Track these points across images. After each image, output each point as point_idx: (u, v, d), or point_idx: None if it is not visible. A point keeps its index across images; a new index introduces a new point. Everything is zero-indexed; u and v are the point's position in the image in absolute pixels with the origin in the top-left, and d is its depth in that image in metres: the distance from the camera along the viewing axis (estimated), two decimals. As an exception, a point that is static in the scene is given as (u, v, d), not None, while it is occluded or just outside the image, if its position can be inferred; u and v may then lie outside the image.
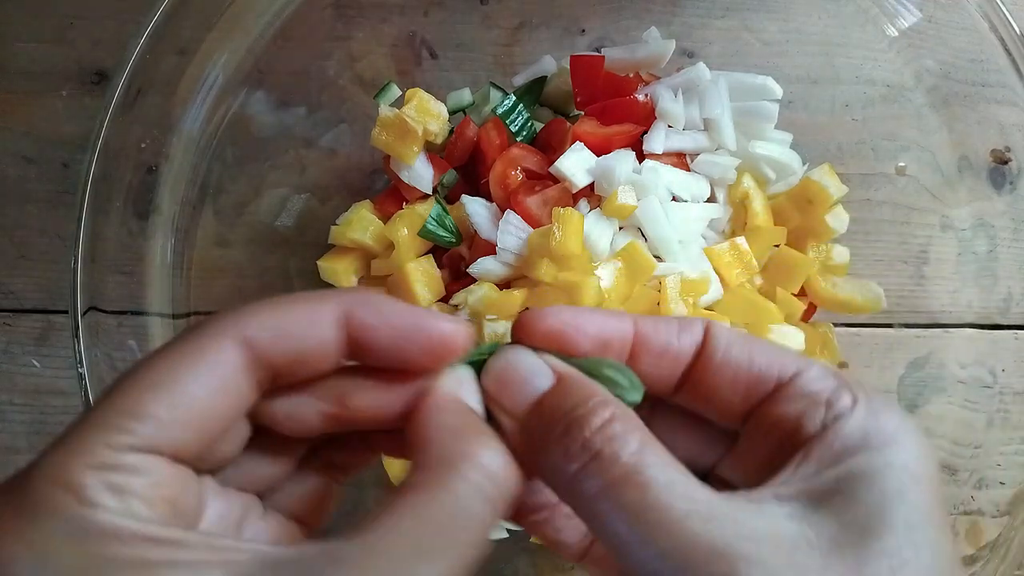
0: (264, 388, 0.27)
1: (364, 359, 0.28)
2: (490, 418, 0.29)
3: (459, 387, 0.29)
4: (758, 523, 0.25)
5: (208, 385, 0.25)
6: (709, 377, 0.30)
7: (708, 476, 0.31)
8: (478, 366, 0.29)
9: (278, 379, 0.27)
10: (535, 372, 0.28)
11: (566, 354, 0.29)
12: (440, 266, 0.57)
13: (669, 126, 0.57)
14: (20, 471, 0.24)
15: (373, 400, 0.28)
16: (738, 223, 0.59)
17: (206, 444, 0.26)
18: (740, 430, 0.30)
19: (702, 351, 0.30)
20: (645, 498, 0.25)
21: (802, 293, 0.59)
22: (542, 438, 0.27)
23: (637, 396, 0.29)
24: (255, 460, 0.30)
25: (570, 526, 0.32)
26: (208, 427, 0.26)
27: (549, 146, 0.58)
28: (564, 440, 0.26)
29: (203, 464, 0.27)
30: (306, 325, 0.27)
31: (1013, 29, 0.53)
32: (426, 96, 0.56)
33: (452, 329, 0.28)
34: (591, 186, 0.55)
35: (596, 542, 0.33)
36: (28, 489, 0.23)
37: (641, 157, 0.56)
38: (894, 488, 0.25)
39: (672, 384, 0.31)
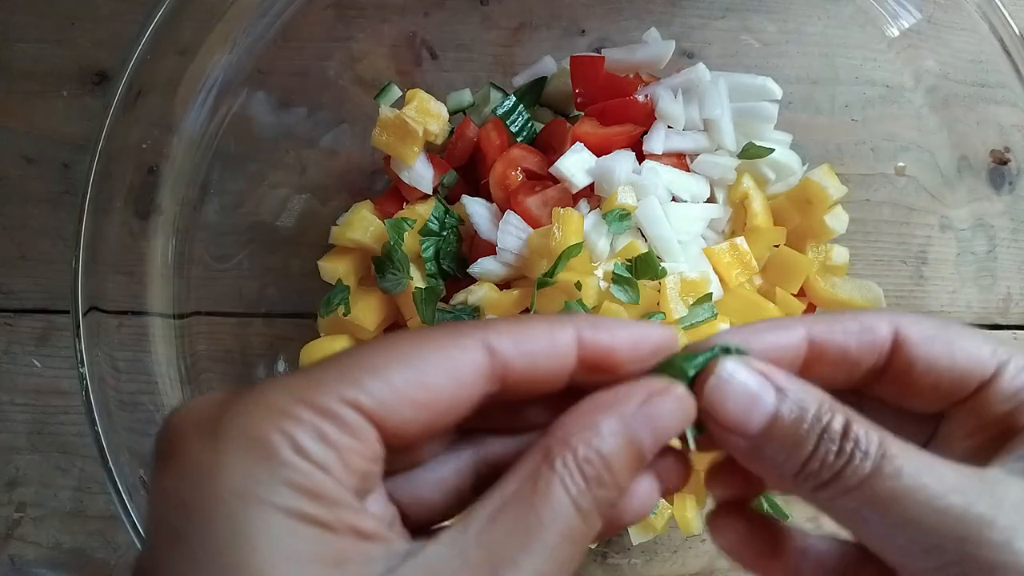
0: (486, 401, 0.27)
1: (587, 377, 0.28)
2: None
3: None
4: (1012, 493, 0.26)
5: (449, 375, 0.25)
6: (904, 376, 0.30)
7: None
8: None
9: (504, 393, 0.27)
10: (761, 390, 0.28)
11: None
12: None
13: (669, 127, 0.57)
14: (256, 385, 0.25)
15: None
16: (738, 223, 0.59)
17: (423, 433, 0.26)
18: (942, 419, 0.30)
19: (895, 352, 0.30)
20: (900, 485, 0.26)
21: (801, 293, 0.60)
22: (789, 455, 0.27)
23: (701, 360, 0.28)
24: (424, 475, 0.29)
25: None
26: (433, 417, 0.25)
27: (549, 147, 0.58)
28: (816, 455, 0.27)
29: (395, 462, 0.27)
30: (547, 343, 0.27)
31: (1012, 30, 0.53)
32: (426, 97, 0.56)
33: (669, 335, 0.28)
34: (591, 186, 0.55)
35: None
36: (245, 400, 0.24)
37: (641, 157, 0.57)
38: None
39: (855, 382, 0.30)
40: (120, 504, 0.49)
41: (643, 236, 0.55)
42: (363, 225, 0.57)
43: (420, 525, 0.29)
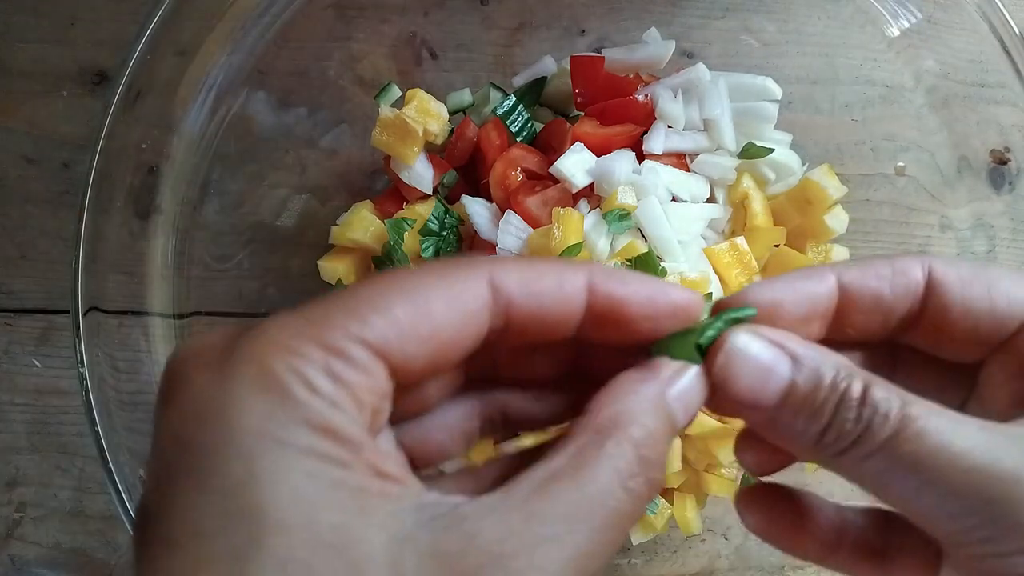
0: (491, 338, 0.26)
1: (597, 332, 0.27)
2: None
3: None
4: None
5: (453, 308, 0.24)
6: (940, 321, 0.28)
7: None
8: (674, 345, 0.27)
9: (509, 335, 0.26)
10: (775, 362, 0.27)
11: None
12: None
13: (669, 127, 0.57)
14: (260, 322, 0.24)
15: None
16: (738, 223, 0.59)
17: (428, 369, 0.25)
18: (981, 367, 0.29)
19: (929, 296, 0.28)
20: (923, 447, 0.25)
21: (802, 293, 0.59)
22: (807, 425, 0.26)
23: (715, 330, 0.27)
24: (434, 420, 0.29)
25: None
26: (438, 351, 0.24)
27: (549, 146, 0.58)
28: (835, 424, 0.26)
29: (403, 406, 0.26)
30: (556, 286, 0.26)
31: (1012, 30, 0.53)
32: (426, 96, 0.56)
33: (690, 297, 0.27)
34: (591, 186, 0.55)
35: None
36: (252, 337, 0.23)
37: (641, 157, 0.56)
38: None
39: (890, 331, 0.29)
40: (120, 504, 0.49)
41: (643, 236, 0.54)
42: (363, 225, 0.57)
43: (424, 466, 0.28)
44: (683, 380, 0.26)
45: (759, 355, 0.27)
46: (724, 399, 0.27)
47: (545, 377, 0.30)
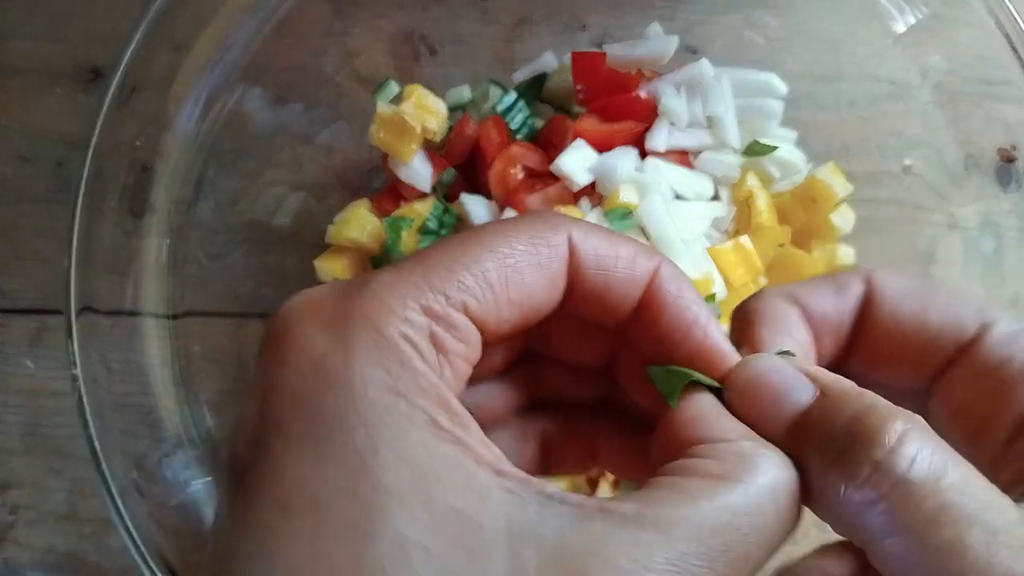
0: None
1: (633, 329, 0.26)
2: None
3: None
4: None
5: (543, 272, 0.24)
6: (874, 341, 0.26)
7: None
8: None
9: (564, 305, 0.25)
10: (794, 384, 0.24)
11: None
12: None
13: (672, 123, 0.56)
14: (366, 279, 0.23)
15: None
16: (742, 222, 0.58)
17: (512, 333, 0.25)
18: (928, 398, 0.27)
19: (865, 314, 0.26)
20: (957, 536, 0.21)
21: (806, 293, 0.59)
22: (820, 459, 0.23)
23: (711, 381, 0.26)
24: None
25: None
26: (527, 316, 0.24)
27: (550, 144, 0.57)
28: (848, 466, 0.22)
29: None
30: (628, 268, 0.25)
31: (1020, 26, 0.52)
32: (425, 93, 0.56)
33: (727, 354, 0.26)
34: (592, 184, 0.55)
35: None
36: (363, 298, 0.23)
37: (643, 155, 0.56)
38: None
39: (840, 352, 0.27)
40: (114, 507, 0.48)
41: (645, 235, 0.54)
42: (360, 224, 0.56)
43: None
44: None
45: (781, 374, 0.24)
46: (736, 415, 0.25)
47: (585, 361, 0.29)
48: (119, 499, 0.48)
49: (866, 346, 0.27)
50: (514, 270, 0.24)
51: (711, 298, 0.52)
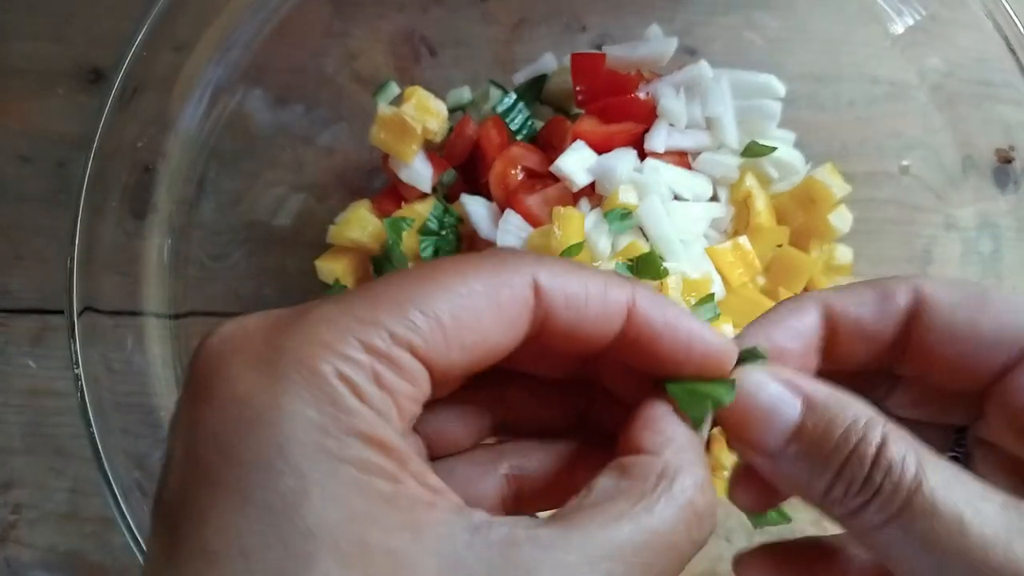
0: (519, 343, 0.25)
1: (618, 352, 0.26)
2: None
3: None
4: None
5: (501, 316, 0.23)
6: (924, 349, 0.26)
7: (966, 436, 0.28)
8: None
9: (538, 340, 0.25)
10: (781, 402, 0.25)
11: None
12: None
13: (671, 124, 0.56)
14: (302, 311, 0.22)
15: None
16: (740, 222, 0.58)
17: (464, 374, 0.24)
18: (985, 398, 0.27)
19: (914, 324, 0.26)
20: (936, 525, 0.22)
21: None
22: (812, 476, 0.24)
23: (731, 396, 0.25)
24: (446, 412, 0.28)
25: None
26: (478, 358, 0.23)
27: (549, 145, 0.58)
28: (842, 479, 0.24)
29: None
30: (600, 303, 0.24)
31: (1017, 28, 0.52)
32: (425, 94, 0.56)
33: (726, 348, 0.26)
34: (592, 185, 0.55)
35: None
36: (298, 334, 0.21)
37: (643, 156, 0.56)
38: None
39: (881, 358, 0.27)
40: (116, 507, 0.49)
41: (645, 235, 0.54)
42: (361, 224, 0.56)
43: (435, 458, 0.27)
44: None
45: (767, 391, 0.25)
46: (730, 438, 0.26)
47: (553, 378, 0.29)
48: (121, 498, 0.49)
49: (916, 355, 0.27)
50: (469, 311, 0.23)
51: (710, 298, 0.52)
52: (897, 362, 0.28)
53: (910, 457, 0.23)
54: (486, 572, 0.20)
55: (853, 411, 0.24)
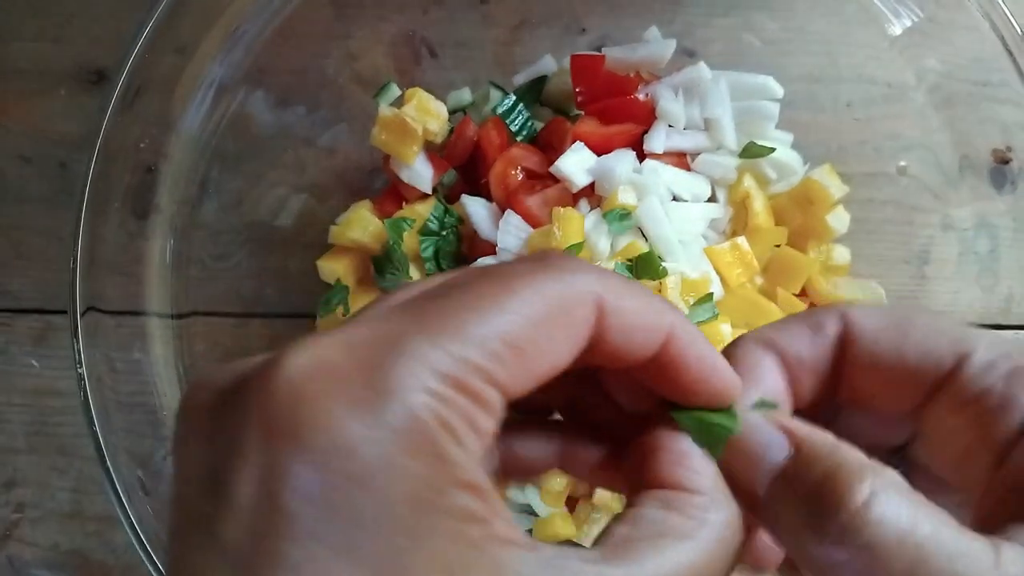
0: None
1: (643, 372, 0.26)
2: None
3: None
4: None
5: (569, 339, 0.23)
6: (855, 378, 0.27)
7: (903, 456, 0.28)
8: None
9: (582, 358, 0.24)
10: (769, 443, 0.25)
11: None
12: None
13: (670, 126, 0.57)
14: (384, 336, 0.21)
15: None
16: (739, 223, 0.59)
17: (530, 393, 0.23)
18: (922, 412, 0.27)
19: (846, 350, 0.26)
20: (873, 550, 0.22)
21: (803, 293, 0.59)
22: (794, 519, 0.24)
23: (740, 426, 0.26)
24: None
25: None
26: (544, 378, 0.23)
27: (549, 146, 0.58)
28: (819, 523, 0.23)
29: None
30: (652, 324, 0.24)
31: (1015, 28, 0.52)
32: (426, 95, 0.56)
33: (736, 384, 0.26)
34: (591, 186, 0.55)
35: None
36: (396, 366, 0.20)
37: (642, 157, 0.56)
38: None
39: (821, 390, 0.27)
40: (119, 505, 0.49)
41: (644, 236, 0.54)
42: (362, 225, 0.56)
43: None
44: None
45: (759, 432, 0.25)
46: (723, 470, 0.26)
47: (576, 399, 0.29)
48: (124, 497, 0.49)
49: (848, 383, 0.27)
50: (544, 337, 0.22)
51: (708, 298, 0.53)
52: (835, 391, 0.28)
53: (902, 509, 0.22)
54: None
55: (839, 457, 0.24)
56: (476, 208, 0.56)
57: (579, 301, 0.23)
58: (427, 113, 0.56)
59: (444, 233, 0.57)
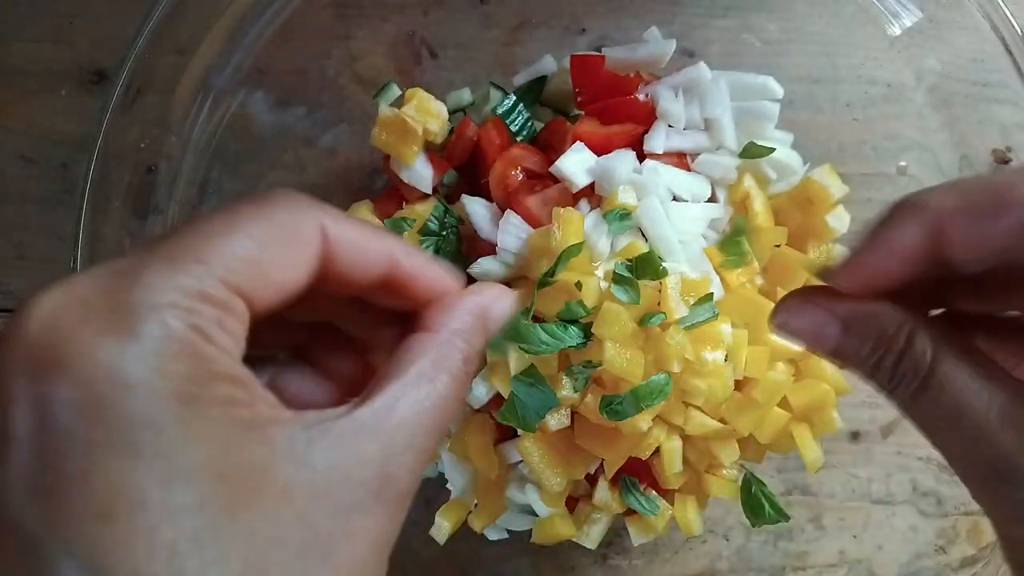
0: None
1: (378, 293, 0.30)
2: None
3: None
4: None
5: (297, 254, 0.26)
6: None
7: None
8: None
9: (316, 283, 0.28)
10: (824, 327, 0.32)
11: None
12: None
13: (670, 126, 0.57)
14: (124, 266, 0.24)
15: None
16: (739, 223, 0.59)
17: (267, 314, 0.27)
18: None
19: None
20: (938, 409, 0.28)
21: (803, 293, 0.59)
22: (864, 359, 0.31)
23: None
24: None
25: None
26: (283, 296, 0.26)
27: (549, 146, 0.58)
28: (880, 368, 0.30)
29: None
30: (374, 249, 0.29)
31: (1014, 29, 0.53)
32: (426, 96, 0.56)
33: (454, 285, 0.31)
34: (591, 186, 0.55)
35: None
36: (138, 290, 0.23)
37: (642, 157, 0.56)
38: None
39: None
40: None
41: (644, 236, 0.54)
42: (362, 225, 0.56)
43: None
44: (500, 301, 0.32)
45: (807, 325, 0.32)
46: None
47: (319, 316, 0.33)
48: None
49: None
50: (277, 253, 0.26)
51: (708, 297, 0.53)
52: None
53: (927, 351, 0.29)
54: (323, 457, 0.24)
55: (886, 318, 0.31)
56: (476, 208, 0.56)
57: (304, 223, 0.27)
58: (427, 113, 0.56)
59: (444, 233, 0.57)
